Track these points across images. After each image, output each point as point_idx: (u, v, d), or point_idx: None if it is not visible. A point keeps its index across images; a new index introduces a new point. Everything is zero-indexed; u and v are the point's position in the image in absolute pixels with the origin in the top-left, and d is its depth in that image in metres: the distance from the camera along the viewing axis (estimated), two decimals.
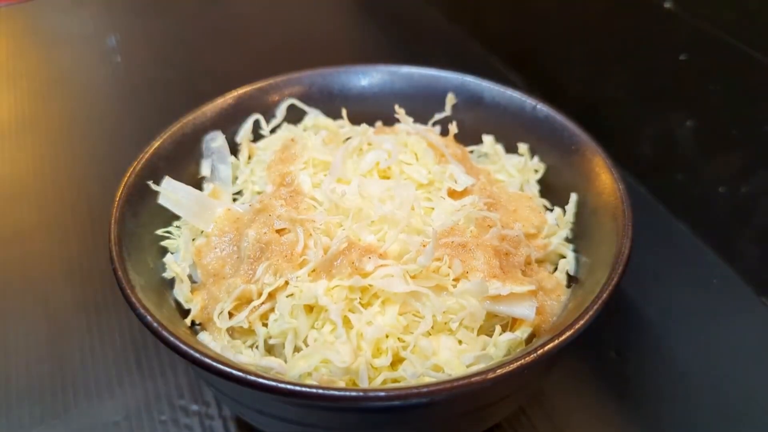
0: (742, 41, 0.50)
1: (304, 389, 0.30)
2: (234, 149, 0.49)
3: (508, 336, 0.37)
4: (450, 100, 0.52)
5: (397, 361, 0.36)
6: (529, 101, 0.49)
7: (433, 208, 0.41)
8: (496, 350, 0.36)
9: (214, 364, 0.31)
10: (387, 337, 0.36)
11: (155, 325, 0.33)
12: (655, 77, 0.59)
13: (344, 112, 0.52)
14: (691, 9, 0.54)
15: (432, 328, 0.36)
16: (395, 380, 0.35)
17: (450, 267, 0.37)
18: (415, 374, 0.35)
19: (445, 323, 0.36)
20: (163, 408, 0.46)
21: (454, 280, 0.37)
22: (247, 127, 0.51)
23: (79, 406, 0.46)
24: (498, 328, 0.37)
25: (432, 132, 0.49)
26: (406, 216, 0.39)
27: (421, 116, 0.51)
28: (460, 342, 0.36)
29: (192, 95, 0.51)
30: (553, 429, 0.44)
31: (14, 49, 0.93)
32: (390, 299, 0.36)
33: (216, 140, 0.48)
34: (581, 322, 0.32)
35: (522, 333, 0.37)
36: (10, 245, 0.60)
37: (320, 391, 0.30)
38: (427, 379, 0.35)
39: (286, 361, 0.36)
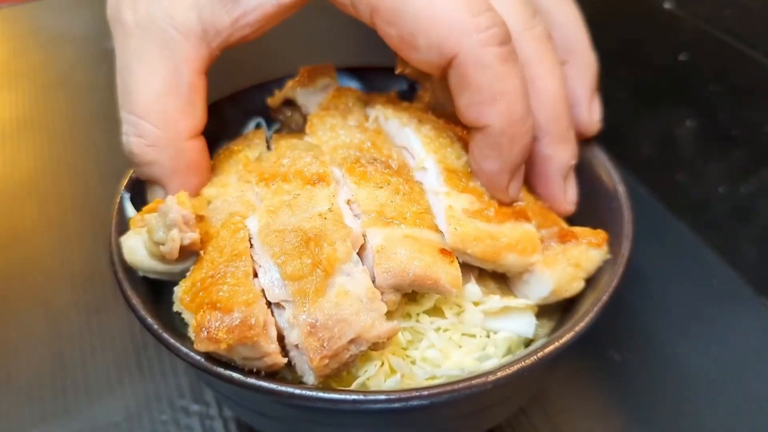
0: (742, 41, 0.50)
1: (304, 392, 0.30)
2: None
3: (507, 335, 0.37)
4: None
5: None
6: None
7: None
8: (495, 350, 0.36)
9: (215, 367, 0.31)
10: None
11: (156, 327, 0.33)
12: (655, 77, 0.59)
13: None
14: (691, 9, 0.54)
15: None
16: None
17: None
18: None
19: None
20: (164, 408, 0.46)
21: None
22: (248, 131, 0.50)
23: (79, 406, 0.46)
24: None
25: None
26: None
27: None
28: (459, 346, 0.36)
29: None
30: (553, 429, 0.44)
31: (15, 49, 0.93)
32: None
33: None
34: (581, 324, 0.32)
35: None
36: (10, 245, 0.60)
37: (321, 393, 0.30)
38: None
39: None
